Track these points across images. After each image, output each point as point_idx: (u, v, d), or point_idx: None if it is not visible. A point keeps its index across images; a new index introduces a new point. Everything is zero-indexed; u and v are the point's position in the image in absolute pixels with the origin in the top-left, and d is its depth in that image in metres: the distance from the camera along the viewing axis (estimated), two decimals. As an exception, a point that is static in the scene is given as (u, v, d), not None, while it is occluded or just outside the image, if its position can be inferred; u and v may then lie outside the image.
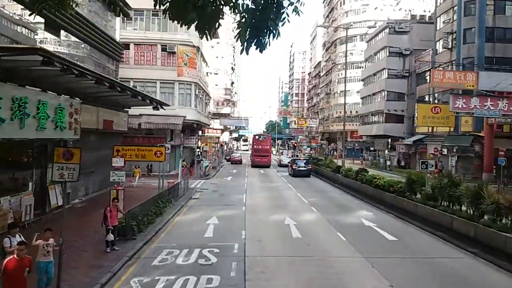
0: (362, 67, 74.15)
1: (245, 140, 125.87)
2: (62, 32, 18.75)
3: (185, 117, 33.59)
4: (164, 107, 33.89)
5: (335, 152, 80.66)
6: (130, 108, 26.35)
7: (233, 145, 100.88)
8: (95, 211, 16.88)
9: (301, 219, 17.02)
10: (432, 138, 44.71)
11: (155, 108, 24.34)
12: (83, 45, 21.64)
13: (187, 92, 34.44)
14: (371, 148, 60.00)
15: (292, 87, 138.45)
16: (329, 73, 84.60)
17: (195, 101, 35.25)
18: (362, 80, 63.93)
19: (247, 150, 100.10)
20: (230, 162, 53.85)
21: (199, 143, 43.52)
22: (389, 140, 53.93)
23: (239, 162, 52.93)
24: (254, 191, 26.22)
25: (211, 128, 57.21)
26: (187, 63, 34.03)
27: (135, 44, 34.34)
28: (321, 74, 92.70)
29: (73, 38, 19.92)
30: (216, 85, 60.07)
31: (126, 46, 34.22)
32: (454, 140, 40.01)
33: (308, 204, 21.09)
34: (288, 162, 44.35)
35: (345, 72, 38.83)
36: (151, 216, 15.93)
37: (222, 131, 66.10)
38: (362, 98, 63.55)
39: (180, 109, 33.95)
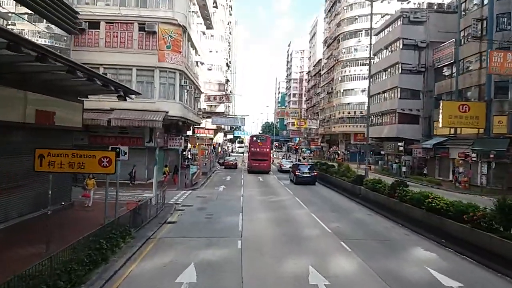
0: (368, 64, 67.76)
1: (241, 142, 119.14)
2: None
3: (167, 112, 26.77)
4: (142, 99, 27.12)
5: (336, 156, 74.14)
6: (87, 97, 19.48)
7: (227, 147, 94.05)
8: (8, 251, 10.42)
9: (334, 271, 10.21)
10: (455, 141, 38.22)
11: (120, 97, 17.66)
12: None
13: (170, 81, 27.57)
14: (382, 152, 53.35)
15: (290, 87, 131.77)
16: (331, 71, 78.09)
17: (180, 93, 28.40)
18: (370, 76, 57.18)
19: (242, 153, 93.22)
20: (223, 167, 46.96)
21: (188, 145, 36.71)
22: (403, 143, 47.38)
23: (234, 166, 46.05)
24: (253, 210, 19.39)
25: (202, 128, 50.34)
26: (170, 46, 27.21)
27: (106, 23, 27.43)
28: (322, 72, 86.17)
29: None
30: (209, 81, 53.20)
31: (96, 24, 27.52)
32: (486, 143, 33.45)
33: (333, 236, 14.29)
34: (290, 167, 37.66)
35: (370, 63, 32.04)
36: (80, 270, 9.06)
37: (215, 131, 59.24)
38: (370, 97, 56.80)
39: (161, 103, 27.10)
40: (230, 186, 29.14)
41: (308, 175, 31.61)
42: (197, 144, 33.58)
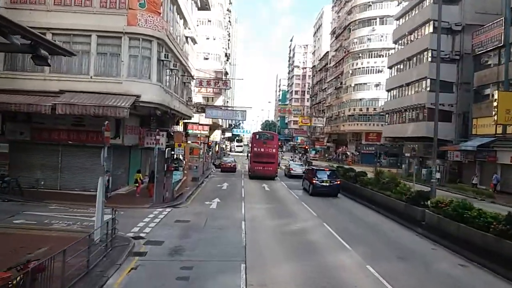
0: (383, 55, 59.80)
1: (240, 141, 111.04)
2: None
3: (138, 96, 18.61)
4: (105, 78, 19.15)
5: (344, 157, 66.18)
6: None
7: (226, 145, 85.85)
8: None
9: None
10: (506, 143, 30.25)
11: (38, 58, 9.73)
12: None
13: (145, 54, 19.35)
14: (406, 154, 45.18)
15: (292, 84, 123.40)
16: (340, 64, 69.98)
17: (159, 72, 20.20)
18: (390, 67, 49.32)
19: (241, 152, 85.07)
20: (220, 170, 38.73)
21: (174, 143, 28.45)
22: (428, 144, 39.34)
23: (232, 169, 37.83)
24: (264, 257, 11.10)
25: (196, 123, 42.25)
26: (145, 4, 18.99)
27: (56, -29, 19.25)
28: (329, 66, 78.01)
29: None
30: (201, 69, 45.03)
31: (42, -27, 19.31)
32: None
33: None
34: (303, 173, 29.62)
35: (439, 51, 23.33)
36: None
37: (211, 128, 51.07)
38: (388, 91, 48.93)
39: (131, 83, 18.90)
40: (227, 200, 20.98)
41: (328, 184, 23.59)
42: (183, 142, 25.39)
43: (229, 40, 76.66)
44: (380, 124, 58.63)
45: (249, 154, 34.76)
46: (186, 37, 27.63)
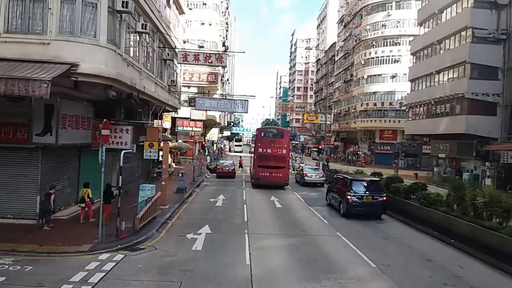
0: (400, 43, 52.48)
1: (239, 140, 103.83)
2: None
3: (75, 65, 11.13)
4: (23, 36, 11.32)
5: (355, 157, 58.83)
6: None
7: (224, 145, 78.41)
8: None
9: None
10: None
11: None
12: None
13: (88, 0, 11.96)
14: (441, 155, 37.78)
15: (294, 80, 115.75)
16: (350, 54, 62.56)
17: (113, 28, 12.74)
18: (413, 54, 41.93)
19: (240, 152, 77.66)
20: (216, 175, 31.24)
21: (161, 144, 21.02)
22: (474, 142, 32.14)
23: (231, 175, 30.32)
24: None
25: (187, 119, 34.87)
26: None
27: None
28: (337, 58, 70.52)
29: None
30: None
31: None
32: None
33: None
34: (329, 183, 22.06)
35: None
36: None
37: (206, 126, 43.64)
38: (412, 81, 41.52)
39: (64, 45, 11.41)
40: (221, 229, 13.52)
41: (371, 201, 16.16)
42: (159, 141, 17.92)
43: (227, 30, 69.38)
44: (397, 120, 51.38)
45: (253, 156, 27.27)
46: (167, -1, 20.13)
